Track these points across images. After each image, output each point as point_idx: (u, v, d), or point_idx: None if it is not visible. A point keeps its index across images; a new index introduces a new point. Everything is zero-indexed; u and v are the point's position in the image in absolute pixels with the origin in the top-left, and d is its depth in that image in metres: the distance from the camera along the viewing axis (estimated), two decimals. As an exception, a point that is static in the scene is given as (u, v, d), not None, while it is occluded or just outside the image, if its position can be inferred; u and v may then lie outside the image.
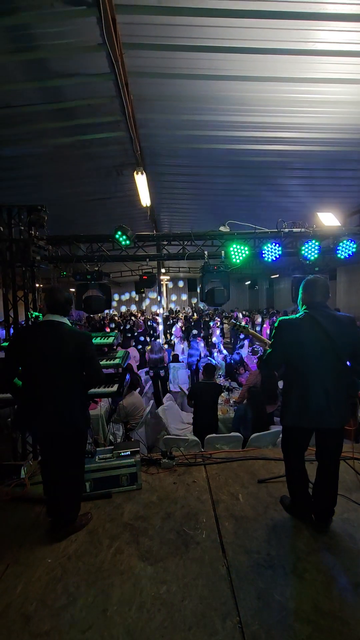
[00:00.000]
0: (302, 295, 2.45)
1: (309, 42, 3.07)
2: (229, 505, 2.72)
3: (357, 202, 7.10)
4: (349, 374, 2.29)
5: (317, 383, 2.22)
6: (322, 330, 2.22)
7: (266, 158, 4.83)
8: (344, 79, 3.44)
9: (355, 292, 16.62)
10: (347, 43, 2.98)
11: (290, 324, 2.34)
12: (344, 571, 2.07)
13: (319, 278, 2.42)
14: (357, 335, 2.26)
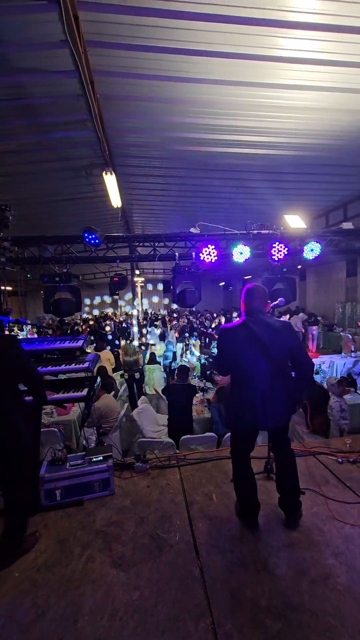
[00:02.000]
0: (242, 302, 2.53)
1: (272, 49, 3.15)
2: (202, 506, 2.72)
3: (323, 205, 7.36)
4: (288, 379, 2.37)
5: (254, 387, 2.29)
6: (256, 337, 2.29)
7: (235, 161, 4.90)
8: (306, 86, 3.55)
9: (324, 292, 17.22)
10: (307, 51, 3.08)
11: (228, 332, 2.42)
12: (313, 564, 2.13)
13: (257, 286, 2.51)
14: (292, 340, 2.36)
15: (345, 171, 5.36)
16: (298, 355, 2.40)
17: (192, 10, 2.71)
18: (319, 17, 2.71)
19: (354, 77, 3.27)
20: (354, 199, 6.87)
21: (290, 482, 2.50)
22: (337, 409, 4.32)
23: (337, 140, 4.33)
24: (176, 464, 3.36)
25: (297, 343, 2.42)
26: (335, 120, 3.94)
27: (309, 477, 3.02)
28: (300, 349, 2.43)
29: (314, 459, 3.38)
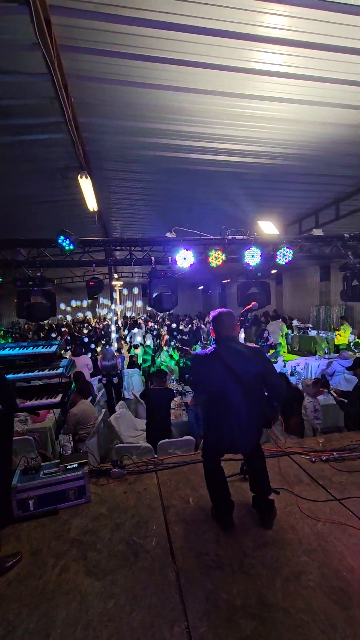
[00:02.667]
0: (211, 330, 2.61)
1: (247, 61, 3.23)
2: (179, 510, 2.73)
3: (296, 212, 7.58)
4: (261, 402, 2.46)
5: (229, 413, 2.36)
6: (227, 365, 2.36)
7: (211, 167, 4.98)
8: (277, 98, 3.66)
9: (299, 295, 17.69)
10: (277, 64, 3.18)
11: (201, 360, 2.50)
12: (287, 562, 2.17)
13: (223, 313, 2.57)
14: (263, 366, 2.45)
15: (315, 180, 5.55)
16: (270, 379, 2.49)
17: (166, 20, 2.75)
18: (287, 32, 2.82)
19: (319, 91, 3.40)
20: (324, 207, 7.12)
21: (261, 482, 2.56)
22: (311, 409, 4.44)
23: (307, 150, 4.49)
24: (153, 468, 3.35)
25: (268, 367, 2.51)
26: (305, 132, 4.09)
27: (283, 476, 3.09)
28: (271, 373, 2.52)
29: (288, 459, 3.46)
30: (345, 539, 2.35)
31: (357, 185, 6.06)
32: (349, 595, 1.93)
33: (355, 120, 3.88)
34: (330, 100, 3.57)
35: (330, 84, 3.35)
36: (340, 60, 3.06)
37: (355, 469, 3.23)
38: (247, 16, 2.74)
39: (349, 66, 3.12)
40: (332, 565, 2.14)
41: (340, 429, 5.06)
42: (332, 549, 2.27)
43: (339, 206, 6.90)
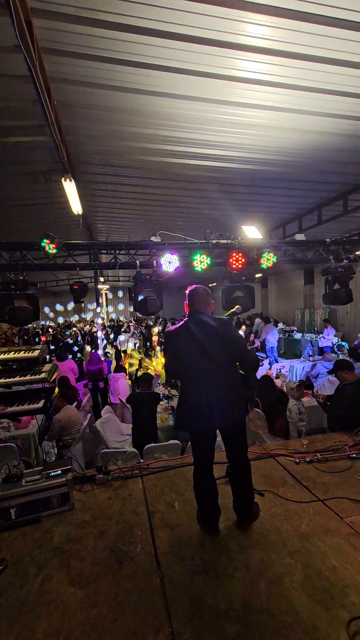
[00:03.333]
0: (185, 304, 2.58)
1: (230, 69, 3.28)
2: (164, 515, 2.71)
3: (280, 217, 7.71)
4: (234, 376, 2.42)
5: (198, 387, 2.33)
6: (195, 337, 2.34)
7: (196, 172, 5.02)
8: (260, 105, 3.73)
9: (284, 298, 17.95)
10: (259, 73, 3.24)
11: (171, 334, 2.48)
12: (271, 564, 2.18)
13: (199, 287, 2.56)
14: (230, 338, 2.39)
15: (298, 186, 5.66)
16: (238, 350, 2.42)
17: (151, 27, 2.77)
18: (268, 42, 2.88)
19: (300, 100, 3.48)
20: (307, 212, 7.27)
21: (243, 487, 2.53)
22: (296, 412, 4.50)
23: (289, 157, 4.58)
24: (139, 473, 3.33)
25: (235, 338, 2.44)
26: (287, 139, 4.17)
27: (268, 478, 3.11)
28: (239, 344, 2.46)
29: (273, 461, 3.48)
30: (328, 539, 2.38)
31: (338, 191, 6.22)
32: (331, 595, 1.95)
33: (334, 129, 3.99)
34: (309, 109, 3.66)
35: (309, 93, 3.44)
36: (318, 70, 3.15)
37: (338, 470, 3.28)
38: (230, 25, 2.79)
39: (327, 76, 3.20)
40: (315, 566, 2.16)
41: (324, 430, 5.13)
42: (315, 550, 2.29)
43: (321, 211, 7.05)
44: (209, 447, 2.51)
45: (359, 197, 6.24)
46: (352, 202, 6.39)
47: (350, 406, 4.20)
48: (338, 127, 3.99)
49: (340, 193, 6.29)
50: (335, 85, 3.34)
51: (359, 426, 3.94)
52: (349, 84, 3.29)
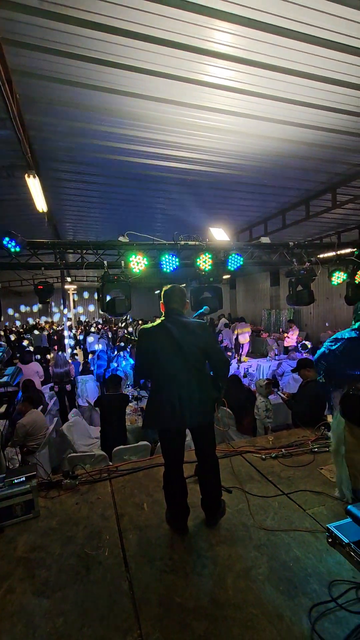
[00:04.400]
0: (161, 304, 2.59)
1: (198, 74, 3.32)
2: (133, 517, 2.70)
3: (246, 220, 7.91)
4: (206, 377, 2.48)
5: (171, 387, 2.35)
6: (172, 337, 2.37)
7: (162, 173, 5.03)
8: (229, 111, 3.80)
9: (252, 299, 18.42)
10: (225, 79, 3.31)
11: (147, 333, 2.48)
12: (238, 559, 2.24)
13: (175, 287, 2.59)
14: (206, 340, 2.48)
15: (263, 190, 5.84)
16: (213, 354, 2.52)
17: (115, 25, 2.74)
18: (232, 49, 2.94)
19: (264, 107, 3.59)
20: (272, 216, 7.51)
21: (212, 485, 2.57)
22: (263, 409, 4.63)
23: (254, 162, 4.70)
24: (107, 476, 3.28)
25: (211, 342, 2.55)
26: (251, 144, 4.29)
27: (236, 475, 3.18)
28: (214, 348, 2.56)
29: (240, 458, 3.57)
30: (291, 531, 2.47)
31: (300, 197, 6.48)
32: (294, 585, 2.03)
33: (296, 137, 4.15)
34: (273, 117, 3.79)
35: (272, 101, 3.55)
36: (280, 80, 3.26)
37: (301, 464, 3.42)
38: (196, 30, 2.82)
39: (289, 86, 3.33)
40: (280, 558, 2.24)
41: (289, 427, 5.32)
42: (279, 542, 2.38)
43: (285, 216, 7.32)
44: (180, 446, 2.53)
45: (319, 204, 6.53)
46: (313, 207, 6.68)
47: (312, 403, 4.39)
48: (300, 135, 4.16)
49: (303, 199, 6.56)
50: (297, 95, 3.48)
51: (320, 421, 4.13)
52: (310, 95, 3.44)
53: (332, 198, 6.00)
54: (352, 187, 5.76)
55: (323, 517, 2.61)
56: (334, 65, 3.02)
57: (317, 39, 2.78)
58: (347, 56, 2.91)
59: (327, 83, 3.23)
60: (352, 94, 3.31)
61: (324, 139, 4.23)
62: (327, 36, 2.74)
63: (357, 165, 5.03)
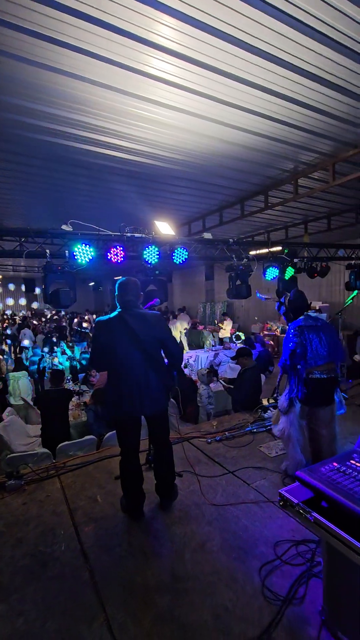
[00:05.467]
0: (116, 295, 2.63)
1: (143, 64, 3.29)
2: (87, 510, 2.68)
3: (186, 215, 8.09)
4: (162, 366, 2.59)
5: (129, 377, 2.43)
6: (129, 329, 2.44)
7: (103, 161, 4.88)
8: (170, 105, 3.83)
9: (188, 293, 18.91)
10: (169, 74, 3.35)
11: (104, 324, 2.52)
12: (193, 536, 2.39)
13: (130, 279, 2.66)
14: (163, 332, 2.60)
15: (200, 187, 6.03)
16: (169, 345, 2.63)
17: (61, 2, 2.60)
18: (177, 46, 2.98)
19: (204, 106, 3.71)
20: (210, 212, 7.80)
21: (167, 470, 2.70)
22: (206, 396, 4.88)
23: (192, 158, 4.83)
24: (55, 473, 3.19)
25: (167, 333, 2.65)
26: (191, 141, 4.39)
27: (184, 460, 3.32)
28: (170, 338, 2.67)
29: (187, 444, 3.74)
30: (239, 504, 2.71)
31: (236, 196, 6.84)
32: (245, 550, 2.25)
33: (234, 139, 4.36)
34: (212, 117, 3.92)
35: (213, 102, 3.68)
36: (221, 83, 3.39)
37: (243, 444, 3.72)
38: (144, 21, 2.81)
39: (228, 89, 3.48)
40: (230, 529, 2.44)
41: (228, 412, 5.68)
42: (229, 515, 2.59)
43: (222, 213, 7.66)
44: (137, 434, 2.59)
45: (253, 204, 6.98)
46: (248, 207, 7.11)
47: (250, 388, 4.76)
48: (237, 138, 4.39)
49: (238, 198, 6.94)
50: (236, 100, 3.66)
51: (257, 405, 4.50)
52: (248, 101, 3.65)
53: (264, 200, 6.46)
54: (281, 190, 6.26)
55: (265, 489, 2.90)
56: (273, 78, 3.26)
57: (259, 50, 2.97)
58: (286, 71, 3.17)
59: (266, 93, 3.47)
60: (288, 106, 3.60)
61: (259, 143, 4.54)
62: (268, 50, 2.94)
63: (286, 171, 5.48)
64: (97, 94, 3.67)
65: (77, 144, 4.53)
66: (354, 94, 3.34)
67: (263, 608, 1.83)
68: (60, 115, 3.99)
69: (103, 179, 5.55)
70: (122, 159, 4.85)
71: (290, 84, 3.28)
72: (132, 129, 4.22)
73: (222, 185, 6.12)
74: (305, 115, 3.74)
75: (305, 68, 3.06)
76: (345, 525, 1.38)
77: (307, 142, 4.32)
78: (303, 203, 7.02)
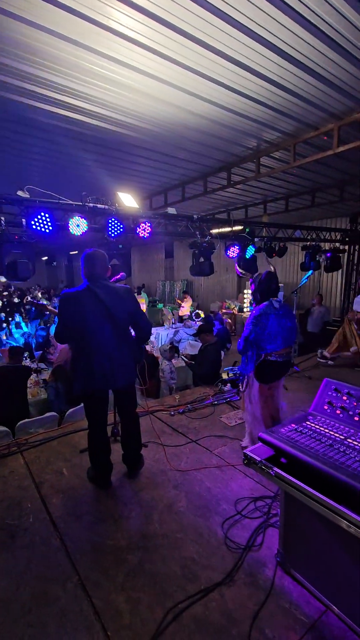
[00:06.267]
0: (83, 268, 2.56)
1: (107, 18, 3.07)
2: (54, 483, 2.69)
3: (147, 188, 7.88)
4: (131, 340, 2.62)
5: (100, 350, 2.42)
6: (100, 302, 2.41)
7: (58, 122, 4.54)
8: (134, 67, 3.62)
9: (147, 270, 18.69)
10: (138, 33, 3.17)
11: (71, 297, 2.44)
12: (160, 499, 2.51)
13: (97, 251, 2.59)
14: (132, 305, 2.60)
15: (165, 159, 5.88)
16: (138, 318, 2.63)
17: None
18: (147, 2, 2.81)
19: (174, 74, 3.57)
20: (172, 187, 7.67)
21: (134, 441, 2.78)
22: (168, 371, 4.98)
23: (159, 128, 4.64)
24: (17, 450, 3.13)
25: (137, 307, 2.65)
26: (158, 109, 4.22)
27: (150, 431, 3.42)
28: (140, 313, 2.67)
29: (152, 417, 3.83)
30: (202, 469, 2.87)
31: (199, 171, 6.78)
32: (208, 509, 2.42)
33: (199, 110, 4.22)
34: (179, 84, 3.77)
35: (185, 71, 3.55)
36: (193, 50, 3.26)
37: (205, 415, 3.90)
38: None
39: (201, 59, 3.37)
40: (195, 491, 2.60)
41: (189, 386, 5.87)
42: (193, 478, 2.74)
43: (184, 188, 7.58)
44: (105, 407, 2.61)
45: (216, 181, 6.98)
46: (210, 184, 7.10)
47: (211, 363, 4.94)
48: (204, 110, 4.29)
49: (202, 174, 6.88)
50: (207, 70, 3.57)
51: (218, 379, 4.70)
52: (220, 73, 3.57)
53: (227, 177, 6.48)
54: (244, 168, 6.31)
55: (226, 454, 3.09)
56: (246, 51, 3.20)
57: (234, 21, 2.88)
58: (258, 45, 3.11)
59: (237, 65, 3.41)
60: (256, 81, 3.58)
61: (225, 118, 4.49)
62: (243, 21, 2.87)
63: (249, 149, 5.52)
64: (52, 45, 3.36)
65: (28, 100, 4.15)
66: (319, 75, 3.41)
67: (226, 557, 2.01)
68: (8, 65, 3.62)
69: (59, 142, 5.19)
70: (80, 121, 4.54)
71: (261, 58, 3.27)
72: (91, 88, 3.95)
73: (186, 159, 6.02)
74: (272, 93, 3.76)
75: (277, 44, 3.06)
76: (301, 476, 1.55)
77: (271, 120, 4.37)
78: (264, 183, 7.15)
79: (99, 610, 1.69)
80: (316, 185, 7.43)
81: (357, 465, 1.50)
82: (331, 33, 2.88)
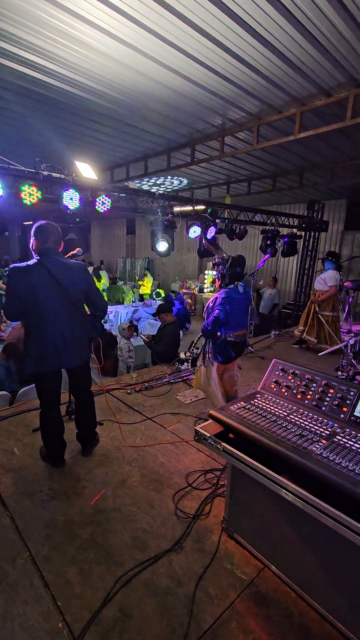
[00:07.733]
0: (34, 241, 2.42)
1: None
2: (4, 463, 2.63)
3: (108, 159, 7.51)
4: (85, 317, 2.55)
5: (53, 328, 2.34)
6: (52, 278, 2.30)
7: (10, 78, 4.15)
8: (100, 27, 3.37)
9: (108, 247, 18.11)
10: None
11: (21, 272, 2.29)
12: (114, 475, 2.56)
13: (50, 224, 2.45)
14: (87, 282, 2.51)
15: (128, 130, 5.61)
16: (93, 296, 2.57)
17: None
18: None
19: (144, 41, 3.38)
20: (134, 160, 7.38)
21: (89, 419, 2.77)
22: (126, 350, 4.97)
23: (122, 95, 4.39)
24: (-36, 430, 2.99)
25: (92, 284, 2.58)
26: (122, 75, 3.98)
27: (106, 410, 3.42)
28: (95, 290, 2.61)
29: (108, 395, 3.84)
30: (156, 445, 2.95)
31: (163, 145, 6.57)
32: (161, 482, 2.51)
33: (166, 80, 4.06)
34: (145, 50, 3.58)
35: (155, 39, 3.37)
36: (166, 18, 3.06)
37: (161, 394, 3.97)
38: None
39: (173, 28, 3.18)
40: (149, 466, 2.68)
41: (147, 365, 5.91)
42: (147, 454, 2.82)
43: (147, 162, 7.33)
44: (58, 387, 2.56)
45: (179, 157, 6.82)
46: (174, 160, 6.93)
47: (169, 342, 5.00)
48: (170, 80, 4.12)
49: (165, 148, 6.68)
50: (179, 41, 3.37)
51: (175, 358, 4.78)
52: (192, 46, 3.39)
53: (191, 153, 6.36)
54: (208, 147, 6.22)
55: (180, 431, 3.20)
56: (217, 25, 3.06)
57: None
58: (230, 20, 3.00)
59: (207, 39, 3.27)
60: (225, 57, 3.46)
61: (191, 91, 4.35)
62: None
63: (214, 126, 5.43)
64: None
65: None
66: (285, 57, 3.40)
67: (176, 526, 2.12)
68: None
69: (11, 100, 4.75)
70: (35, 79, 4.17)
71: (229, 32, 3.18)
72: (49, 44, 3.62)
73: (150, 131, 5.80)
74: (238, 70, 3.70)
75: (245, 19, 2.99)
76: (247, 450, 1.65)
77: (237, 98, 4.31)
78: (227, 163, 7.13)
79: (50, 583, 1.72)
80: (277, 170, 7.55)
81: (296, 439, 1.63)
82: (298, 14, 2.86)
